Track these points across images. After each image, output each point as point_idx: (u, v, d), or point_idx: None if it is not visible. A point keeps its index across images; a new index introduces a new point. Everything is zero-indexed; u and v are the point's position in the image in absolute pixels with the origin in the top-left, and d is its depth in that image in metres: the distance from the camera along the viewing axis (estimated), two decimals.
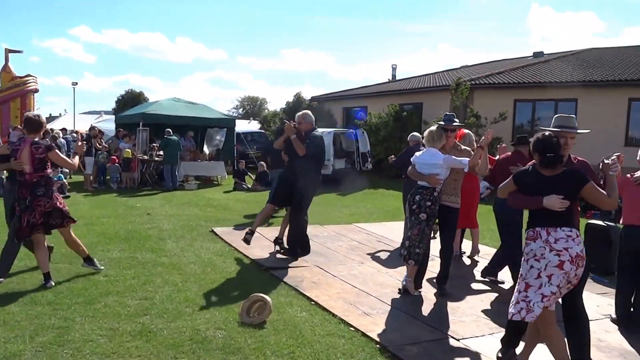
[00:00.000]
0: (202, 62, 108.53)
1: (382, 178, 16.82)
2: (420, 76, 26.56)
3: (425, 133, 5.59)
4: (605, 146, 4.07)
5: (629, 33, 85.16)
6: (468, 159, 5.34)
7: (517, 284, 3.75)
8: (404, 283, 5.57)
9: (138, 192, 13.72)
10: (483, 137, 5.33)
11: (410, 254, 5.45)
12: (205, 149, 18.11)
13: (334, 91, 28.56)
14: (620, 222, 5.20)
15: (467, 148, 5.78)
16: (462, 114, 17.82)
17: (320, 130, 15.71)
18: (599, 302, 5.60)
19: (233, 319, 4.59)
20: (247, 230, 7.03)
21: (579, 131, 3.94)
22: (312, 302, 5.19)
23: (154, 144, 16.08)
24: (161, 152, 15.19)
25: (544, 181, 3.63)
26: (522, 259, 3.72)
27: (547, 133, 3.72)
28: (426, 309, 5.25)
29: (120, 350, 3.88)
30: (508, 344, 4.03)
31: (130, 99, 32.57)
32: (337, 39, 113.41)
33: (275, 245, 7.28)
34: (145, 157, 15.48)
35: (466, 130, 7.32)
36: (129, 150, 14.82)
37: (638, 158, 5.25)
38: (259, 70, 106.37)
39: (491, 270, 6.31)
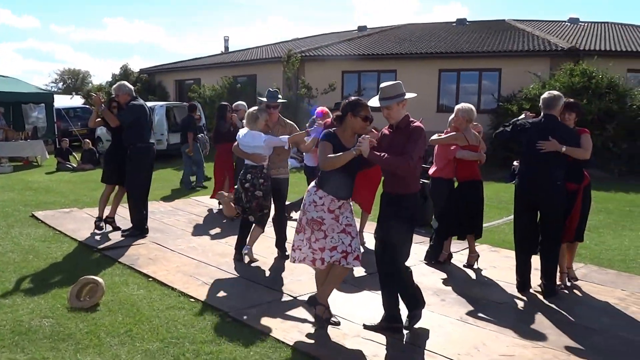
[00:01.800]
0: (10, 31, 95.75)
1: None
2: (253, 48, 26.57)
3: (246, 115, 5.64)
4: (421, 113, 4.58)
5: (438, 10, 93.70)
6: (288, 136, 5.53)
7: None
8: (246, 252, 5.67)
9: None
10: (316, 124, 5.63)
11: (262, 221, 5.62)
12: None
13: (165, 63, 27.30)
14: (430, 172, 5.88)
15: (292, 123, 5.99)
16: (294, 85, 18.30)
17: (151, 103, 15.16)
18: (416, 250, 6.26)
19: (61, 305, 4.30)
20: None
21: (392, 102, 4.10)
22: (150, 279, 5.06)
23: None
24: None
25: None
26: None
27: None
28: (265, 273, 5.44)
29: None
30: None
31: None
32: (165, 9, 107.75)
33: (106, 225, 6.91)
34: None
35: (326, 109, 7.56)
36: None
37: (449, 119, 5.83)
38: (79, 41, 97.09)
39: None
